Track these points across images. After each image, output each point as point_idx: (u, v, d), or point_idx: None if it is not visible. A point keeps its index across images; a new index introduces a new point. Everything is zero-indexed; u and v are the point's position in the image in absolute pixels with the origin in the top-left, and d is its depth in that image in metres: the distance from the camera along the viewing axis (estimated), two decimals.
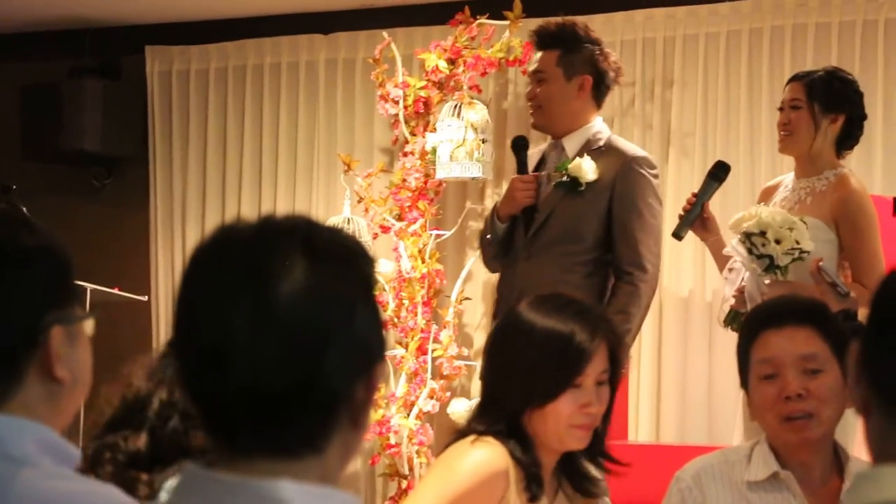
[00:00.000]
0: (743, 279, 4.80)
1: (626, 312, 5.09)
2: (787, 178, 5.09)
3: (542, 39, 5.27)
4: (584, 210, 5.14)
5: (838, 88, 4.95)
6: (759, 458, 3.24)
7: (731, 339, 3.55)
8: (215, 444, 1.61)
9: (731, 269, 4.87)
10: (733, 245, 4.78)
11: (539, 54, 5.26)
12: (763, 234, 4.68)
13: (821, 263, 4.60)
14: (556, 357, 3.05)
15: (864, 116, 5.01)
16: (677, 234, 5.04)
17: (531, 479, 3.04)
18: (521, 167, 5.19)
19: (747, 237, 4.70)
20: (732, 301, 4.85)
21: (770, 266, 4.70)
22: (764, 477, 3.21)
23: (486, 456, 3.00)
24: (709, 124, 7.09)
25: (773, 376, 3.17)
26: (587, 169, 5.10)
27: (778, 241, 4.66)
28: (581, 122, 5.25)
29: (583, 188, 5.10)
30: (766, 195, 5.13)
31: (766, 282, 4.73)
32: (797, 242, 4.67)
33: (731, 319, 4.90)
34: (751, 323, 3.32)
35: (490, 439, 3.03)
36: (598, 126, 5.28)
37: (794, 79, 5.06)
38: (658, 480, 3.66)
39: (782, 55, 6.97)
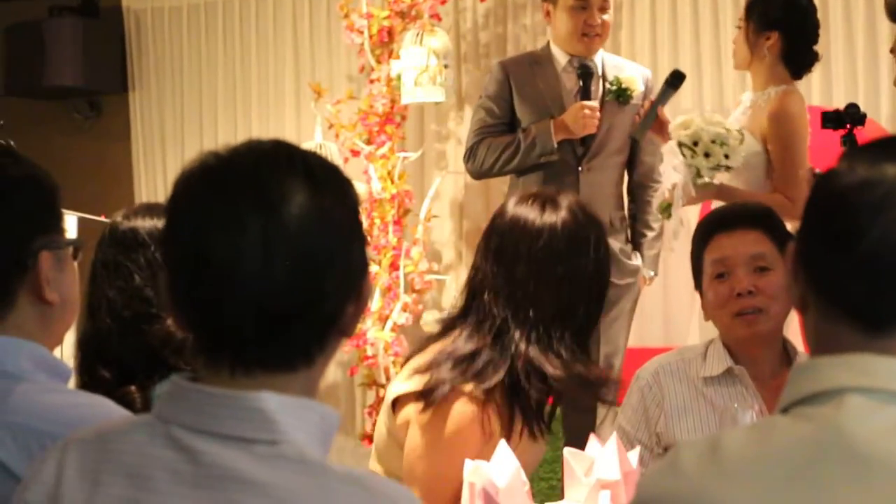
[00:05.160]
0: (678, 176, 4.84)
1: (661, 220, 5.26)
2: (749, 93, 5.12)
3: None
4: (627, 122, 5.25)
5: (774, 7, 4.91)
6: (713, 355, 3.26)
7: (683, 246, 3.56)
8: (210, 360, 1.60)
9: (666, 165, 4.92)
10: (671, 147, 4.82)
11: None
12: (694, 145, 4.71)
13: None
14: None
15: (804, 35, 4.95)
16: (635, 136, 5.11)
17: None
18: (586, 93, 5.17)
19: (680, 145, 4.73)
20: (667, 193, 4.89)
21: (696, 174, 4.73)
22: (718, 372, 3.24)
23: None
24: (657, 43, 7.07)
25: (724, 275, 3.20)
26: (639, 82, 5.26)
27: (707, 155, 4.69)
28: None
29: (632, 100, 5.17)
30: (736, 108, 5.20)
31: (698, 182, 4.76)
32: (726, 157, 4.69)
33: (664, 209, 4.95)
34: (703, 228, 3.34)
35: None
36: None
37: None
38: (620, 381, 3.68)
39: None
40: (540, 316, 2.73)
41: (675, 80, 5.09)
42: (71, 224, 5.60)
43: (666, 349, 4.07)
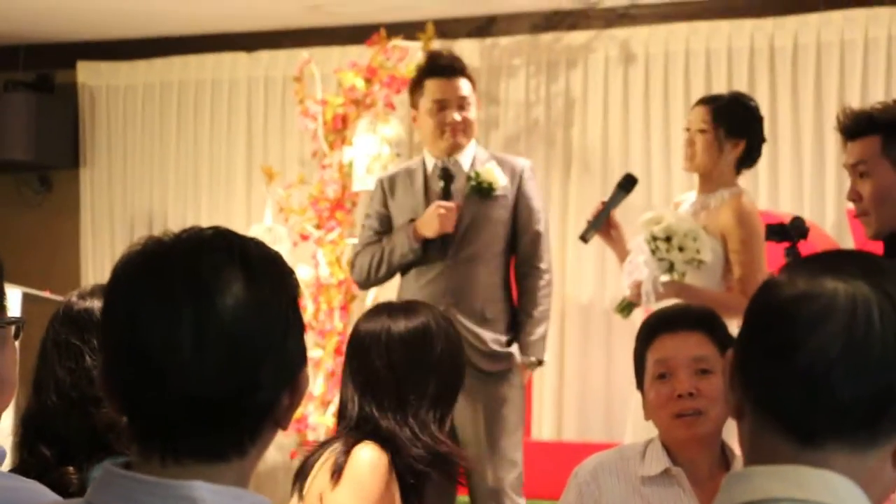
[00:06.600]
0: (641, 274, 4.85)
1: (547, 308, 5.35)
2: (692, 195, 5.14)
3: (461, 68, 5.35)
4: (498, 213, 5.26)
5: (742, 115, 4.97)
6: (652, 454, 3.26)
7: (627, 343, 3.58)
8: (142, 447, 1.58)
9: (630, 262, 4.93)
10: (638, 242, 4.83)
11: (463, 82, 5.31)
12: (668, 239, 4.73)
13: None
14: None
15: (763, 141, 5.05)
16: (583, 237, 5.13)
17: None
18: (447, 194, 5.22)
19: (653, 240, 4.75)
20: (628, 292, 4.90)
21: (669, 269, 4.75)
22: (656, 472, 3.24)
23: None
24: (609, 141, 7.15)
25: (666, 376, 3.21)
26: (499, 175, 5.22)
27: (681, 249, 4.72)
28: None
29: (496, 192, 5.20)
30: (674, 209, 5.19)
31: (663, 279, 4.78)
32: (698, 252, 4.73)
33: (623, 308, 4.96)
34: (647, 328, 3.34)
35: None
36: (474, 145, 5.40)
37: (702, 102, 5.07)
38: (560, 475, 3.68)
39: (676, 79, 7.05)
40: (394, 397, 3.03)
41: (628, 183, 5.16)
42: (15, 298, 5.56)
43: (607, 445, 4.07)
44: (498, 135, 7.35)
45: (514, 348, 5.27)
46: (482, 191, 5.25)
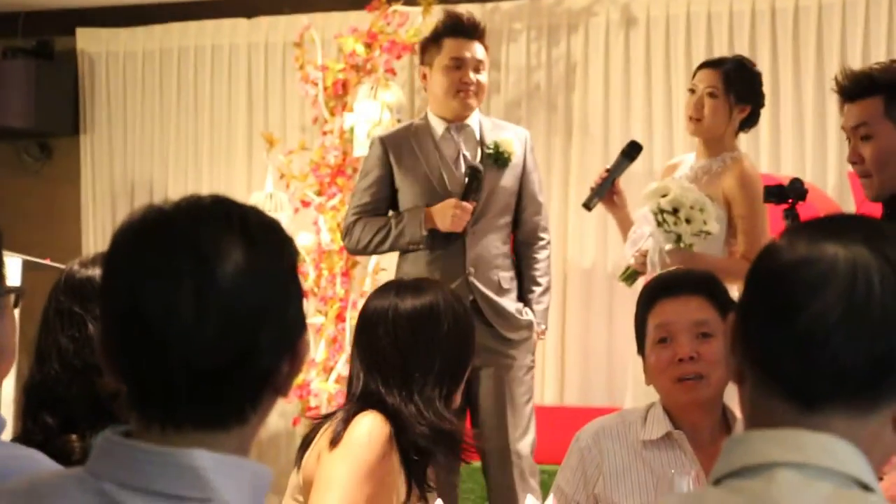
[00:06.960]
0: (646, 242, 4.84)
1: (551, 277, 5.40)
2: (689, 157, 5.12)
3: (482, 32, 5.35)
4: (508, 184, 5.27)
5: (750, 81, 4.97)
6: (653, 419, 3.27)
7: (628, 308, 3.58)
8: (142, 415, 1.59)
9: (634, 232, 4.91)
10: (643, 213, 4.81)
11: (480, 47, 5.31)
12: (675, 212, 4.71)
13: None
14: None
15: (763, 105, 5.06)
16: (587, 205, 5.12)
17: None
18: (468, 194, 5.16)
19: (660, 212, 4.73)
20: (632, 260, 4.89)
21: (677, 241, 4.74)
22: (658, 436, 3.24)
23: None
24: (610, 105, 7.13)
25: (667, 340, 3.21)
26: (517, 146, 5.27)
27: (688, 221, 4.70)
28: None
29: (511, 162, 5.20)
30: (669, 172, 5.17)
31: (668, 248, 4.77)
32: (705, 223, 4.71)
33: (628, 276, 4.95)
34: (648, 292, 3.35)
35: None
36: (477, 111, 5.41)
37: (709, 66, 5.04)
38: (562, 440, 3.69)
39: (677, 42, 7.03)
40: (399, 374, 3.04)
41: (632, 150, 5.13)
42: (15, 266, 5.55)
43: (609, 409, 4.08)
44: (499, 100, 7.33)
45: (531, 316, 5.30)
46: (500, 160, 5.25)
